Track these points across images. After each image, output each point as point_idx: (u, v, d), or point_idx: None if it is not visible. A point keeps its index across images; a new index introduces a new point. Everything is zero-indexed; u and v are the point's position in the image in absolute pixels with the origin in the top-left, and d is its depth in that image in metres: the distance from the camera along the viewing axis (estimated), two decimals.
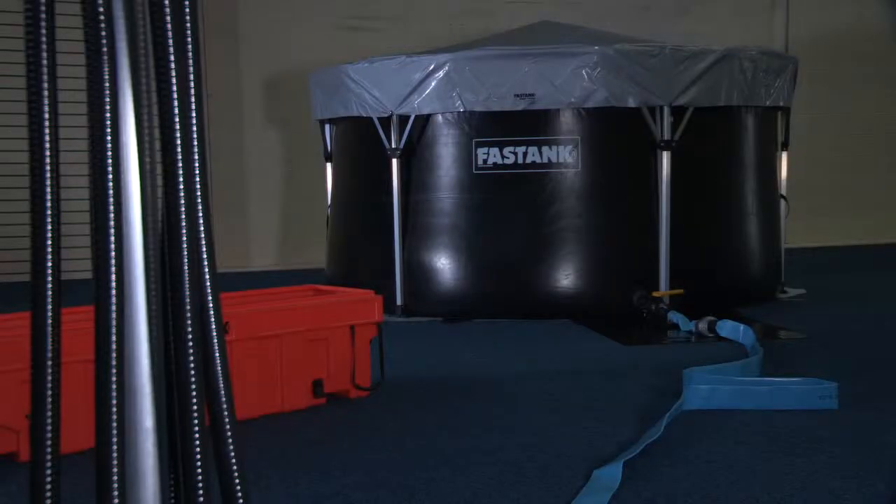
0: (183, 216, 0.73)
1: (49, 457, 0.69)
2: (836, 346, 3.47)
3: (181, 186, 0.73)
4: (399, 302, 4.26)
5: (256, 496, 0.69)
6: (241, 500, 0.71)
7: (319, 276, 4.75)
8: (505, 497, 1.90)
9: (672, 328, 3.78)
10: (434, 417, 2.57)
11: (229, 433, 0.71)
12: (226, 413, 0.71)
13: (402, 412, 2.63)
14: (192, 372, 0.69)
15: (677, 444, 2.22)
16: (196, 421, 0.69)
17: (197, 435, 0.69)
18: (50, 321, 0.72)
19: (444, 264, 4.23)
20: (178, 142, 0.73)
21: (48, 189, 0.73)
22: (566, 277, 4.12)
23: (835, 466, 2.08)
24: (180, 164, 0.74)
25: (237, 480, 0.71)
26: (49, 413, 0.70)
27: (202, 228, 0.74)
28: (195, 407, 0.69)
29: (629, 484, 1.93)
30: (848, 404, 2.51)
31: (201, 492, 0.68)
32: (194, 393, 0.69)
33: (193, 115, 0.74)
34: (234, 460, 0.71)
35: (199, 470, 0.68)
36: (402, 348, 3.32)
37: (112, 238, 0.70)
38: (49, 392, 0.70)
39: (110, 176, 0.71)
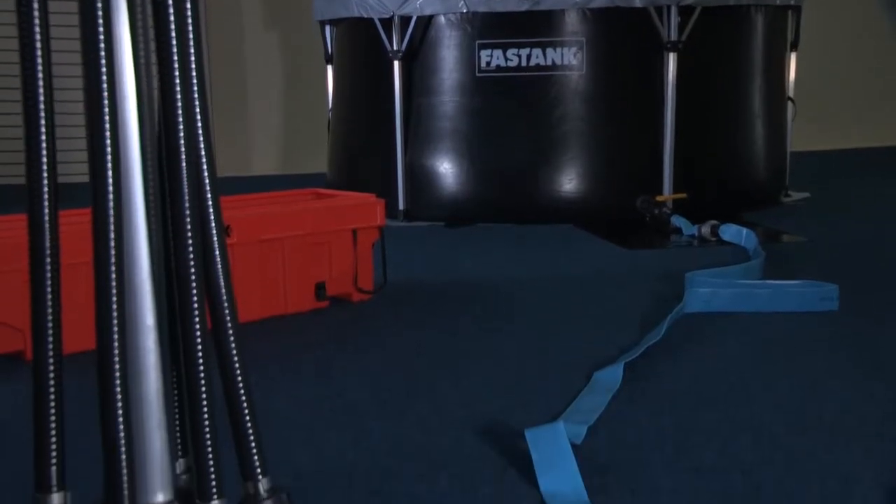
0: (180, 112, 0.72)
1: (51, 355, 0.69)
2: (838, 249, 3.47)
3: (177, 81, 0.72)
4: (401, 207, 4.25)
5: (259, 395, 0.70)
6: (243, 398, 0.71)
7: (321, 180, 4.73)
8: (506, 399, 1.93)
9: (675, 232, 3.78)
10: (435, 321, 2.59)
11: (231, 332, 0.71)
12: (227, 312, 0.71)
13: (403, 315, 2.65)
14: (192, 269, 0.69)
15: (678, 347, 2.24)
16: (197, 318, 0.69)
17: (198, 332, 0.69)
18: (47, 218, 0.71)
19: (446, 169, 4.21)
20: (174, 34, 0.71)
21: (41, 90, 0.71)
22: (569, 182, 4.10)
23: (834, 367, 2.10)
24: (176, 59, 0.72)
25: (239, 378, 0.71)
26: (49, 311, 0.69)
27: (200, 125, 0.73)
28: (196, 304, 0.69)
29: (629, 385, 1.95)
30: (849, 306, 2.52)
31: (203, 388, 0.69)
32: (195, 290, 0.69)
33: (189, 7, 0.71)
34: (235, 359, 0.71)
35: (202, 367, 0.69)
36: (404, 253, 3.32)
37: (108, 136, 0.69)
38: (49, 290, 0.70)
39: (104, 73, 0.69)
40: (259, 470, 0.71)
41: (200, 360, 0.69)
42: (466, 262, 3.44)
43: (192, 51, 0.70)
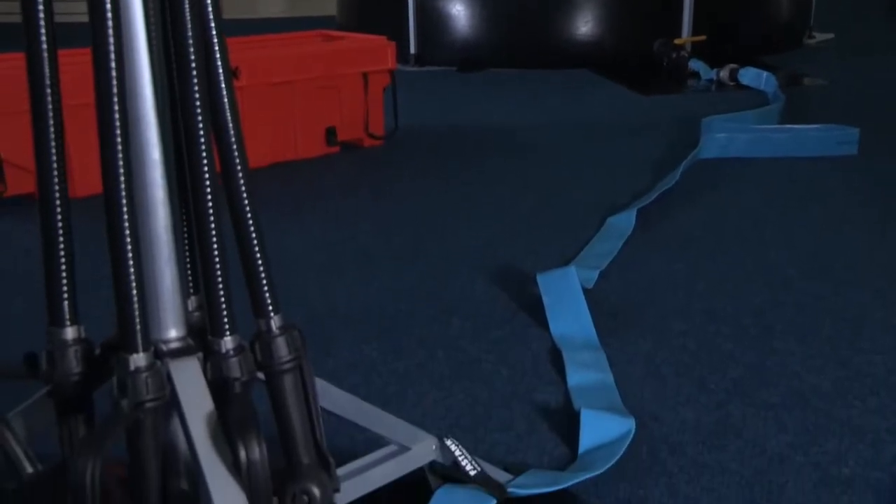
0: None
1: (56, 190, 0.67)
2: (860, 92, 3.40)
3: None
4: (412, 51, 4.16)
5: (269, 239, 0.69)
6: (253, 235, 0.70)
7: (331, 23, 4.61)
8: (518, 245, 1.93)
9: (692, 77, 3.70)
10: (447, 168, 2.56)
11: (240, 170, 0.69)
12: (235, 151, 0.69)
13: (415, 162, 2.63)
14: (198, 104, 0.66)
15: (692, 192, 2.22)
16: (204, 155, 0.67)
17: (206, 168, 0.67)
18: (46, 54, 0.68)
19: (458, 11, 4.09)
20: None
21: None
22: (585, 24, 3.99)
23: (849, 212, 2.08)
24: None
25: (249, 216, 0.70)
26: (52, 145, 0.68)
27: None
28: (202, 140, 0.67)
29: (642, 230, 1.94)
30: (868, 151, 2.49)
31: (213, 224, 0.68)
32: (200, 126, 0.67)
33: None
34: (245, 196, 0.70)
35: (210, 203, 0.67)
36: (416, 98, 3.27)
37: None
38: (50, 126, 0.68)
39: None
40: (271, 307, 0.71)
41: (209, 196, 0.67)
42: (479, 107, 3.38)
43: None
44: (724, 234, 1.96)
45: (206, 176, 0.67)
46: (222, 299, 0.69)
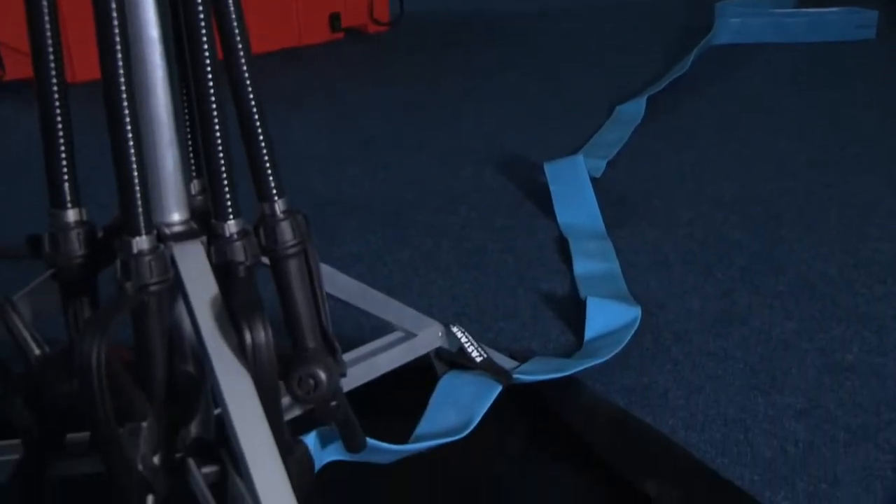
0: None
1: (52, 69, 0.65)
2: None
3: None
4: None
5: (273, 127, 0.67)
6: (256, 119, 0.68)
7: None
8: (526, 134, 1.91)
9: None
10: (454, 55, 2.52)
11: (241, 53, 0.67)
12: (237, 33, 0.67)
13: (421, 49, 2.58)
14: None
15: (704, 80, 2.18)
16: (204, 34, 0.65)
17: (206, 48, 0.65)
18: None
19: None
20: None
21: None
22: None
23: (863, 99, 2.05)
24: None
25: (252, 99, 0.68)
26: (47, 28, 0.65)
27: None
28: (202, 19, 0.64)
29: (652, 119, 1.92)
30: (887, 35, 2.43)
31: (214, 106, 0.66)
32: (200, 3, 0.64)
33: None
34: (247, 79, 0.68)
35: (211, 84, 0.65)
36: None
37: None
38: (44, 5, 0.66)
39: None
40: (275, 190, 0.70)
41: (210, 77, 0.65)
42: None
43: None
44: (735, 123, 1.93)
45: (207, 56, 0.65)
46: (225, 182, 0.67)
